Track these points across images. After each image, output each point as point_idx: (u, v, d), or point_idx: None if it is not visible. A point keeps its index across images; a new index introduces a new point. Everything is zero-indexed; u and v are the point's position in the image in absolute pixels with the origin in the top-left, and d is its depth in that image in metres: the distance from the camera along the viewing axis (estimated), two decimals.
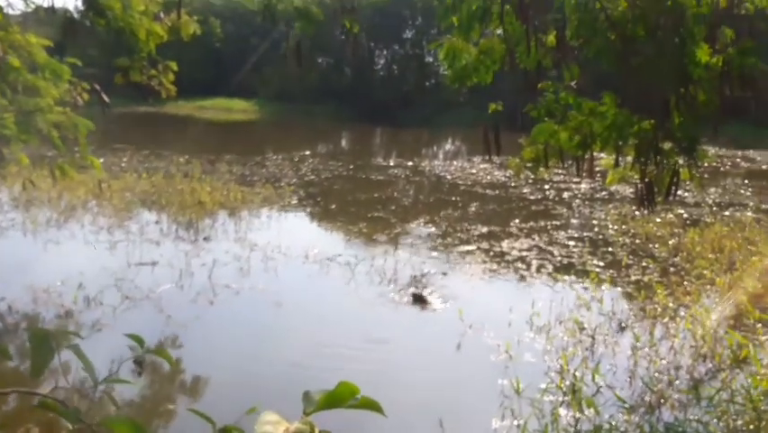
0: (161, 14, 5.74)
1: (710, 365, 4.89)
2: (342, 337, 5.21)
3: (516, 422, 3.85)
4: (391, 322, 5.67)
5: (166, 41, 6.18)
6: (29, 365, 2.02)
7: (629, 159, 6.00)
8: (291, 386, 4.28)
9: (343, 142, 24.83)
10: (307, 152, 18.19)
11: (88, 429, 1.44)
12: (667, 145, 6.23)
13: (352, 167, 15.92)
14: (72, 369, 3.58)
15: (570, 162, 7.68)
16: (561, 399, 4.16)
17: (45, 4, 5.52)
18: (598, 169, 6.64)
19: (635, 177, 6.51)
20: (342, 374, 1.32)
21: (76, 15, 5.56)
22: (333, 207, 11.28)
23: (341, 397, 1.05)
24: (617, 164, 6.70)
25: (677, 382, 4.57)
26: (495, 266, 7.64)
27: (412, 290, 6.47)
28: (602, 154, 6.70)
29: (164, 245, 7.80)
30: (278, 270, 7.03)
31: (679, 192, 12.53)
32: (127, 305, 5.71)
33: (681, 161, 5.95)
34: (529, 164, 6.40)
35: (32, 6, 5.64)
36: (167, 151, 16.40)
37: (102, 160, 13.02)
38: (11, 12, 6.02)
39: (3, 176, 9.06)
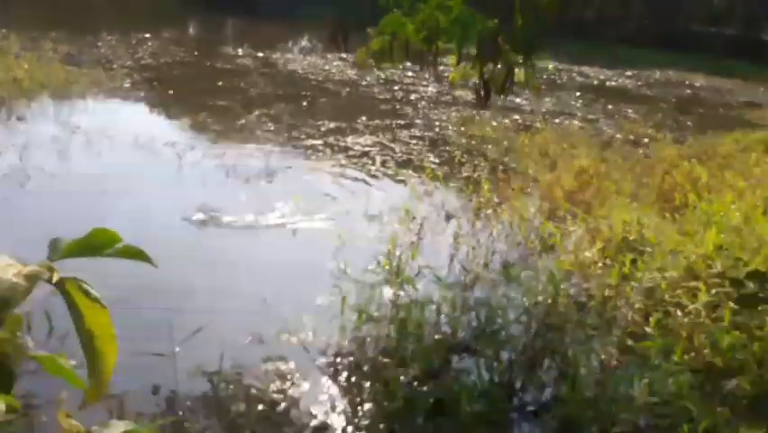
0: None
1: (523, 251, 5.35)
2: (167, 223, 4.99)
3: (338, 299, 3.97)
4: (222, 208, 5.51)
5: None
6: None
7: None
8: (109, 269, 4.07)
9: (191, 29, 23.07)
10: (147, 35, 16.67)
11: None
12: (507, 46, 6.45)
13: (196, 53, 14.91)
14: None
15: (416, 60, 7.75)
16: (384, 278, 4.34)
17: None
18: (446, 74, 6.72)
19: (475, 77, 6.73)
20: (169, 258, 1.19)
21: None
22: (171, 93, 10.55)
23: (96, 244, 0.95)
24: (459, 61, 6.84)
25: (492, 264, 4.95)
26: (338, 160, 7.65)
27: (247, 180, 6.32)
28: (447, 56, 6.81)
29: None
30: (102, 154, 6.51)
31: (516, 100, 13.22)
32: None
33: (518, 60, 6.20)
34: (375, 56, 6.34)
35: None
36: None
37: None
38: None
39: None
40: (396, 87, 13.46)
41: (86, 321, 0.91)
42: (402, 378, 3.38)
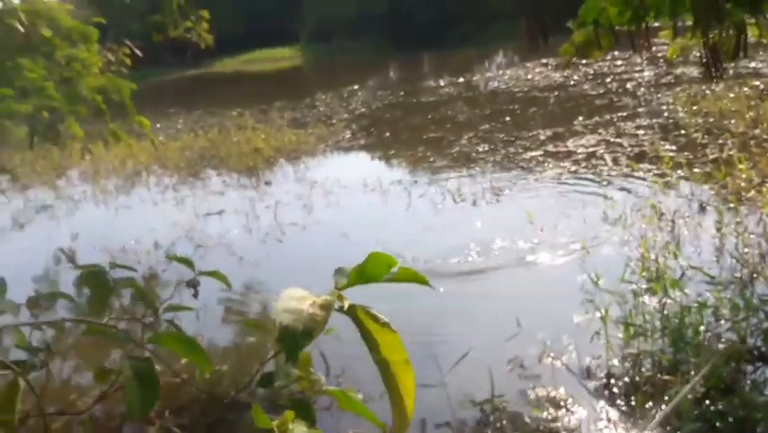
0: None
1: None
2: (412, 257, 5.13)
3: (597, 314, 3.70)
4: (459, 233, 5.54)
5: None
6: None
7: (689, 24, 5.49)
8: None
9: (390, 72, 24.30)
10: (355, 87, 17.91)
11: (139, 349, 1.42)
12: (728, 4, 5.64)
13: (401, 93, 15.59)
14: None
15: (624, 46, 7.15)
16: (643, 286, 3.96)
17: None
18: (660, 54, 6.13)
19: (697, 47, 5.99)
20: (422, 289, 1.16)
21: None
22: (387, 135, 11.10)
23: (374, 269, 0.94)
24: (675, 34, 6.15)
25: None
26: (564, 167, 7.33)
27: (474, 202, 6.32)
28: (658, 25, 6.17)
29: (228, 195, 7.91)
30: (339, 202, 7.01)
31: (751, 65, 11.59)
32: (200, 253, 5.83)
33: (747, 16, 5.39)
34: (581, 49, 5.97)
35: None
36: (218, 108, 16.55)
37: (158, 125, 13.28)
38: None
39: (69, 152, 9.38)
40: (608, 80, 12.67)
41: (381, 348, 0.89)
42: (689, 396, 3.00)
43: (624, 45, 6.40)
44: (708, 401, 3.00)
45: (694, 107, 9.06)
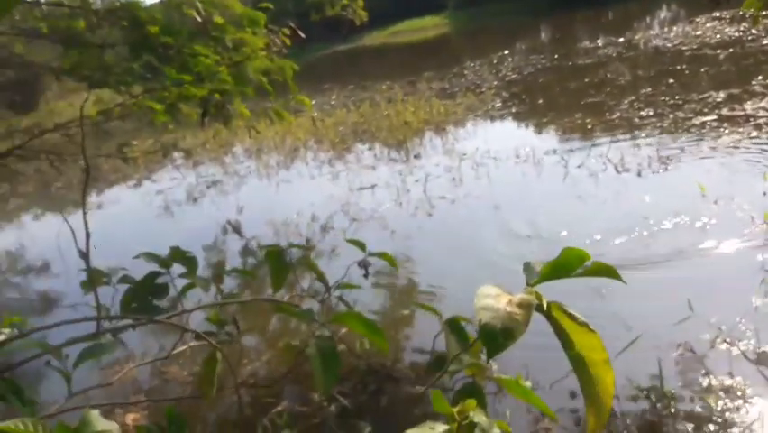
0: None
1: None
2: (575, 234, 4.93)
3: None
4: (623, 208, 5.23)
5: None
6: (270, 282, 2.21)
7: None
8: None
9: (542, 35, 23.28)
10: (506, 52, 17.42)
11: (320, 327, 1.50)
12: None
13: (555, 56, 14.90)
14: (307, 280, 3.92)
15: None
16: None
17: None
18: None
19: None
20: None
21: None
22: (541, 101, 10.70)
23: (567, 264, 0.91)
24: None
25: None
26: (740, 132, 6.63)
27: (639, 173, 5.92)
28: None
29: (379, 169, 8.10)
30: (490, 175, 6.90)
31: None
32: (355, 226, 6.05)
33: None
34: None
35: None
36: (369, 81, 16.93)
37: (313, 101, 13.87)
38: None
39: (234, 131, 10.11)
40: None
41: (576, 346, 0.86)
42: None
43: None
44: None
45: None
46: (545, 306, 0.86)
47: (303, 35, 5.87)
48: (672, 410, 2.95)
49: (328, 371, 1.34)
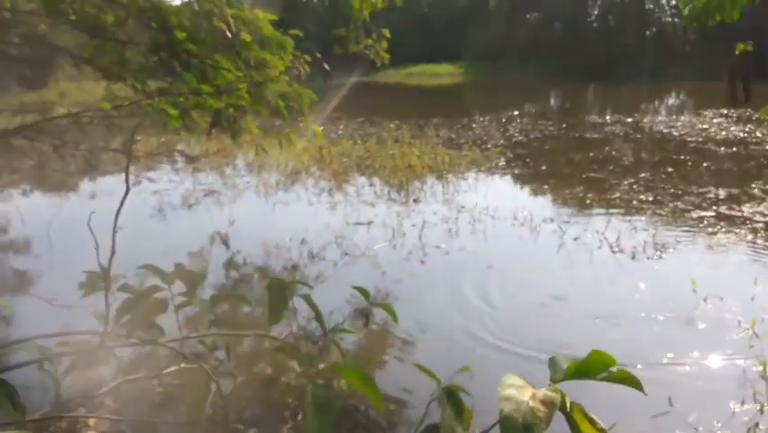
0: None
1: None
2: (560, 309, 4.94)
3: (757, 406, 3.35)
4: (611, 295, 5.25)
5: (377, 9, 6.30)
6: (263, 312, 2.18)
7: None
8: (503, 352, 4.19)
9: (553, 101, 23.73)
10: (515, 112, 17.70)
11: (317, 374, 1.48)
12: None
13: (563, 126, 15.16)
14: (300, 316, 3.86)
15: None
16: None
17: None
18: None
19: None
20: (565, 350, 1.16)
21: None
22: (544, 168, 10.84)
23: (592, 367, 0.92)
24: None
25: None
26: (738, 234, 6.73)
27: (634, 256, 5.97)
28: None
29: (378, 206, 8.12)
30: (486, 232, 6.93)
31: None
32: (346, 260, 6.03)
33: None
34: None
35: None
36: (379, 117, 17.10)
37: (321, 128, 13.94)
38: None
39: (239, 144, 10.12)
40: None
41: None
42: None
43: None
44: None
45: None
46: (568, 407, 0.85)
47: (328, 68, 5.94)
48: None
49: (322, 420, 1.32)
